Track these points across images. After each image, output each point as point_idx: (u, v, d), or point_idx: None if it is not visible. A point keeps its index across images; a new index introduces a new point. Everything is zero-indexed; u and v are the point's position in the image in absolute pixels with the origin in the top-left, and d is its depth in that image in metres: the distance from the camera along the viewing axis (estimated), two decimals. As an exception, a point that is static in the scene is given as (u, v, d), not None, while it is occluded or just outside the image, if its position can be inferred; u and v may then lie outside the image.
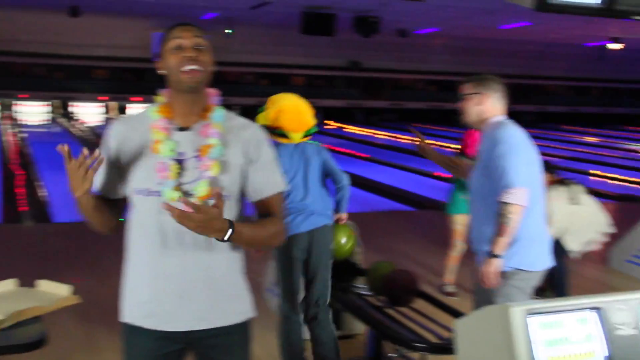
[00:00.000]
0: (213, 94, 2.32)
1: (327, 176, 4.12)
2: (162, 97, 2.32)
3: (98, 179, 2.28)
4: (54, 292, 3.01)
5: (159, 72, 2.28)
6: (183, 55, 2.19)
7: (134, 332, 2.32)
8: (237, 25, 18.84)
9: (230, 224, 2.12)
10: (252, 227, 2.26)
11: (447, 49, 24.52)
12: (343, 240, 4.40)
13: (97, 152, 2.17)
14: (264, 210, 2.35)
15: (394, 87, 26.70)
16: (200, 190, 2.20)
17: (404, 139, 20.53)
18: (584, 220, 5.27)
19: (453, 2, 13.87)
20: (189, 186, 2.21)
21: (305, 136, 3.99)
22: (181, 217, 2.03)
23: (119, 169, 2.29)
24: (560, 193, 5.17)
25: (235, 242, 2.18)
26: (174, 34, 2.23)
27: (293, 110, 3.94)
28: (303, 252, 3.95)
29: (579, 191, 5.31)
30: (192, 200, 2.15)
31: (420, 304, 4.10)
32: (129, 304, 2.34)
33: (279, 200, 2.37)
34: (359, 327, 4.77)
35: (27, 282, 3.20)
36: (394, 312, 4.01)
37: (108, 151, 2.30)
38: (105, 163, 2.28)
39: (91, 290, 5.44)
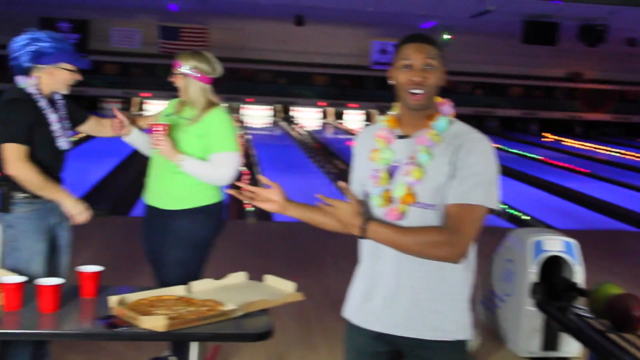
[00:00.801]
0: (444, 103, 2.34)
1: None
2: (396, 108, 2.39)
3: (353, 186, 2.46)
4: (280, 287, 3.17)
5: (389, 82, 2.35)
6: (411, 78, 2.25)
7: (352, 328, 2.44)
8: (455, 34, 18.73)
9: (365, 221, 2.19)
10: (394, 230, 2.19)
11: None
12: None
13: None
14: (444, 219, 2.21)
15: (619, 100, 25.17)
16: (398, 194, 2.25)
17: (629, 155, 19.32)
18: None
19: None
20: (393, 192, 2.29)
21: None
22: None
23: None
24: None
25: (373, 239, 2.22)
26: (406, 51, 2.27)
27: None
28: None
29: None
30: (395, 205, 2.25)
31: (648, 332, 3.84)
32: (349, 300, 2.47)
33: (460, 213, 2.18)
34: (575, 350, 4.55)
35: (250, 276, 3.39)
36: (618, 338, 3.79)
37: (355, 158, 2.48)
38: (355, 169, 2.47)
39: (307, 288, 5.63)
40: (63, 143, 3.54)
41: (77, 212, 3.50)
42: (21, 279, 2.74)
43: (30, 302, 2.76)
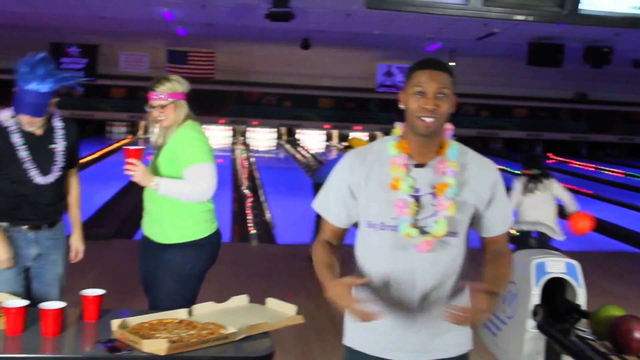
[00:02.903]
0: (448, 129, 2.34)
1: None
2: (398, 129, 2.36)
3: (332, 209, 2.40)
4: (281, 310, 3.17)
5: (400, 105, 2.32)
6: (423, 106, 2.21)
7: (355, 355, 2.40)
8: (460, 56, 18.81)
9: (494, 295, 2.15)
10: (500, 279, 2.29)
11: (688, 80, 22.74)
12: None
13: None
14: (492, 245, 2.40)
15: (624, 121, 25.17)
16: (438, 229, 2.24)
17: (633, 175, 19.29)
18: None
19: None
20: (423, 222, 2.25)
21: None
22: (460, 320, 2.11)
23: (352, 199, 2.36)
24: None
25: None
26: (419, 78, 2.23)
27: (357, 142, 7.14)
28: None
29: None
30: (429, 238, 2.24)
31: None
32: (354, 329, 2.41)
33: (505, 238, 2.43)
34: (580, 373, 4.55)
35: (252, 299, 3.40)
36: (619, 360, 3.78)
37: (342, 181, 2.37)
38: (339, 193, 2.38)
39: (308, 311, 5.67)
40: (38, 177, 3.46)
41: None
42: (23, 302, 2.77)
43: (32, 326, 2.78)
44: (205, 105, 22.31)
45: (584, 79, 22.44)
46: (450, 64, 17.97)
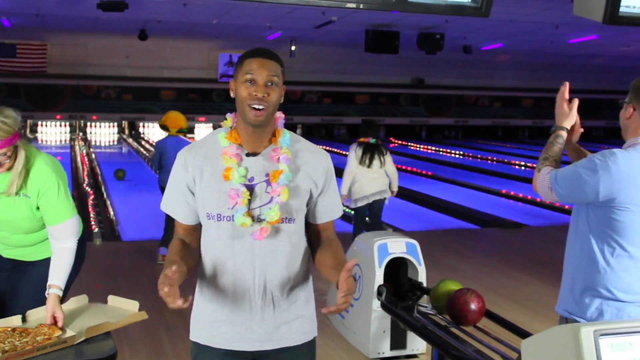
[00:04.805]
0: (279, 118, 2.35)
1: None
2: (229, 121, 2.36)
3: (176, 208, 2.36)
4: (124, 308, 3.09)
5: (231, 94, 2.32)
6: (254, 93, 2.22)
7: (202, 350, 2.37)
8: (301, 45, 19.01)
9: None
10: (342, 264, 2.27)
11: (512, 65, 24.22)
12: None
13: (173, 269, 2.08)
14: (319, 232, 2.42)
15: (458, 104, 26.47)
16: (272, 215, 2.24)
17: (469, 156, 20.33)
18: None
19: (517, 17, 13.71)
20: (259, 210, 2.25)
21: (179, 132, 7.43)
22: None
23: (191, 196, 2.33)
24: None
25: None
26: (250, 66, 2.24)
27: (173, 117, 7.44)
28: None
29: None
30: (264, 225, 2.23)
31: (486, 323, 4.05)
32: (198, 323, 2.39)
33: (332, 225, 2.45)
34: (423, 347, 4.73)
35: (96, 298, 3.29)
36: (459, 332, 3.97)
37: (179, 179, 2.34)
38: (178, 191, 2.34)
39: (157, 307, 5.54)
40: None
41: None
42: None
43: None
44: (39, 100, 21.27)
45: (420, 64, 23.35)
46: (292, 48, 18.16)
